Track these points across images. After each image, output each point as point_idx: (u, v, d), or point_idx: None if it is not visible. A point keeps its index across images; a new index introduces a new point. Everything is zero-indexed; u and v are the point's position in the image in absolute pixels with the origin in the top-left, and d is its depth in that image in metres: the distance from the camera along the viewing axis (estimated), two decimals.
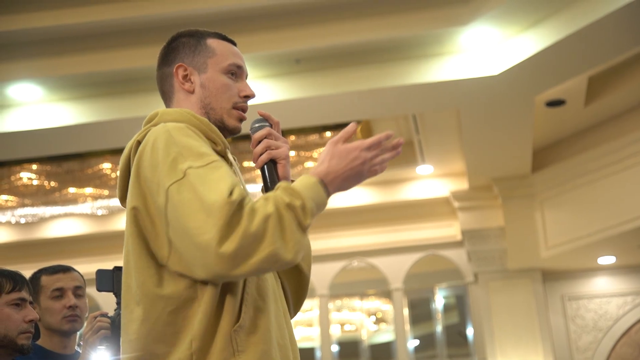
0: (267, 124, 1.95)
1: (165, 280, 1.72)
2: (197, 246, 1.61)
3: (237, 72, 1.97)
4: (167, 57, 1.99)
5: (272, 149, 1.90)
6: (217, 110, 1.93)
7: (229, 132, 1.95)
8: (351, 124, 1.77)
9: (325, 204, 1.71)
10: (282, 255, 1.62)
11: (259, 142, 1.92)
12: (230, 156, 1.91)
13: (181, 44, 1.98)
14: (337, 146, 1.74)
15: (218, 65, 1.95)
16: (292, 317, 2.00)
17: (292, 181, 1.90)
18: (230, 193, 1.62)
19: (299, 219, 1.64)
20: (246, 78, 2.01)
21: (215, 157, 1.73)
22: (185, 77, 1.95)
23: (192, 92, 1.94)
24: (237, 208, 1.60)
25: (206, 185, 1.64)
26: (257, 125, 1.95)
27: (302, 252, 1.66)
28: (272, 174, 1.89)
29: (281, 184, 1.70)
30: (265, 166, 1.90)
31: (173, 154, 1.71)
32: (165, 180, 1.69)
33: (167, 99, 1.98)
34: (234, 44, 2.02)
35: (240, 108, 1.95)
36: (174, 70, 1.95)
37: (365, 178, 1.76)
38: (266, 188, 1.89)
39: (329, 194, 1.72)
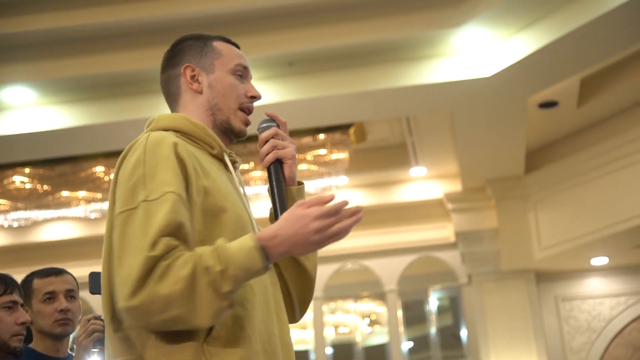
0: (274, 124, 1.96)
1: None
2: (116, 289, 1.64)
3: (243, 73, 1.97)
4: (173, 59, 1.98)
5: (279, 149, 1.91)
6: (224, 111, 1.92)
7: (235, 135, 1.95)
8: (329, 195, 1.66)
9: (260, 268, 1.63)
10: (190, 320, 1.60)
11: (266, 142, 1.92)
12: (227, 159, 1.90)
13: (187, 46, 1.98)
14: (297, 209, 1.66)
15: (225, 66, 1.94)
16: (298, 320, 1.99)
17: (300, 183, 1.95)
18: (154, 244, 1.60)
19: (216, 285, 1.59)
20: (250, 80, 2.01)
21: (173, 186, 1.68)
22: (193, 77, 1.94)
23: (200, 92, 1.93)
24: (152, 264, 1.59)
25: (145, 227, 1.63)
26: (264, 125, 1.95)
27: (219, 315, 1.62)
28: (277, 174, 1.90)
29: (217, 242, 1.64)
30: (272, 166, 1.90)
31: (136, 176, 1.70)
32: (119, 205, 1.70)
33: (174, 101, 1.97)
34: (238, 47, 2.02)
35: (247, 109, 1.94)
36: (182, 70, 1.94)
37: (321, 246, 1.69)
38: (271, 188, 1.89)
39: (269, 259, 1.64)
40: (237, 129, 1.93)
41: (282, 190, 1.89)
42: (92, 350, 2.65)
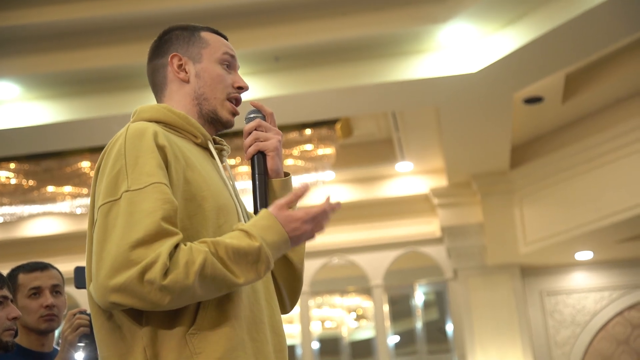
0: (260, 115, 1.95)
1: None
2: (94, 277, 1.63)
3: (231, 63, 1.96)
4: (160, 48, 1.98)
5: (261, 141, 1.90)
6: (210, 100, 1.91)
7: (222, 125, 1.94)
8: (303, 185, 1.75)
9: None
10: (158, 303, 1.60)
11: (249, 133, 1.92)
12: (212, 148, 1.90)
13: (174, 36, 1.97)
14: (281, 212, 1.72)
15: (213, 56, 1.94)
16: (289, 310, 2.00)
17: (287, 174, 1.95)
18: (140, 243, 1.59)
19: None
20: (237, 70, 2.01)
21: (158, 177, 1.68)
22: (180, 66, 1.93)
23: (187, 81, 1.92)
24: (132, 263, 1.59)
25: (130, 219, 1.62)
26: (250, 116, 1.95)
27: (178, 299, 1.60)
28: (259, 167, 1.89)
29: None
30: (255, 158, 1.90)
31: (118, 167, 1.69)
32: (101, 197, 1.69)
33: (159, 90, 1.96)
34: (226, 38, 2.02)
35: (234, 99, 1.94)
36: (169, 59, 1.94)
37: (304, 242, 1.83)
38: (253, 180, 1.88)
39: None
40: (225, 119, 1.93)
41: (263, 183, 1.88)
42: (78, 344, 2.65)
